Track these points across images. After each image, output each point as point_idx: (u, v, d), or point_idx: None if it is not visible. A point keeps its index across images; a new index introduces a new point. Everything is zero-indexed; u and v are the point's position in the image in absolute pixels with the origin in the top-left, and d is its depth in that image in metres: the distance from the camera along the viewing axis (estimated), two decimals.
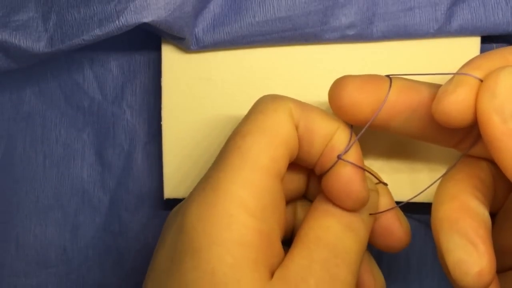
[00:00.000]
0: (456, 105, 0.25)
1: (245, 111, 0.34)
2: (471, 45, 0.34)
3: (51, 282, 0.38)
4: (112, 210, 0.37)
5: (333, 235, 0.28)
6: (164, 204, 0.37)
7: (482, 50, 0.34)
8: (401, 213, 0.32)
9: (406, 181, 0.35)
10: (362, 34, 0.33)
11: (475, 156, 0.30)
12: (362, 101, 0.28)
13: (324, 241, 0.28)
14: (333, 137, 0.29)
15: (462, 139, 0.29)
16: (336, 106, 0.29)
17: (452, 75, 0.26)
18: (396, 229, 0.31)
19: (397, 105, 0.28)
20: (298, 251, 0.27)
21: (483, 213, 0.27)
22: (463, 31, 0.33)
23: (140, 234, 0.38)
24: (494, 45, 0.35)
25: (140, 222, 0.37)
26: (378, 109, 0.28)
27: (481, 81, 0.25)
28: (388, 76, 0.29)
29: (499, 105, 0.24)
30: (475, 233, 0.26)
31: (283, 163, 0.28)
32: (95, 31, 0.31)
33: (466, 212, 0.26)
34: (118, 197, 0.37)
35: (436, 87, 0.28)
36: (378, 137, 0.34)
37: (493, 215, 0.29)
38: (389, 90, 0.28)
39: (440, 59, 0.34)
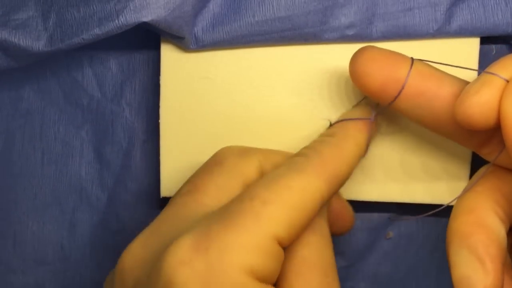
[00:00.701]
0: (479, 107, 0.24)
1: (243, 111, 0.34)
2: (470, 46, 0.34)
3: (48, 280, 0.38)
4: (110, 208, 0.37)
5: (316, 251, 0.28)
6: (162, 202, 0.37)
7: (481, 51, 0.34)
8: (344, 199, 0.33)
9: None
10: (361, 34, 0.33)
11: (502, 166, 0.29)
12: (372, 73, 0.28)
13: (311, 262, 0.27)
14: None
15: (484, 143, 0.29)
16: (350, 71, 0.29)
17: (476, 72, 0.25)
18: (346, 213, 0.33)
19: (409, 87, 0.28)
20: (296, 282, 0.27)
21: (499, 231, 0.26)
22: (463, 32, 0.33)
23: (138, 232, 0.37)
24: (493, 46, 0.35)
25: (138, 220, 0.38)
26: (388, 84, 0.28)
27: (508, 81, 0.24)
28: (412, 58, 0.29)
29: None
30: (485, 250, 0.25)
31: (297, 236, 0.27)
32: (95, 30, 0.31)
33: (480, 228, 0.26)
34: (116, 195, 0.37)
35: (462, 83, 0.27)
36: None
37: None
38: (410, 70, 0.28)
39: (439, 59, 0.34)
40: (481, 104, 0.24)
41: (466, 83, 0.28)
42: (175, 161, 0.35)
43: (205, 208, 0.28)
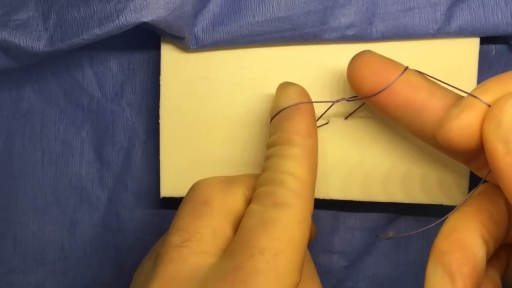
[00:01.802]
0: (459, 131, 0.25)
1: (243, 111, 0.34)
2: (470, 46, 0.34)
3: (49, 279, 0.38)
4: (110, 208, 0.37)
5: None
6: (162, 202, 0.37)
7: (481, 52, 0.34)
8: None
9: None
10: (361, 34, 0.33)
11: (494, 183, 0.28)
12: (363, 77, 0.29)
13: None
14: None
15: (471, 160, 0.29)
16: (347, 74, 0.30)
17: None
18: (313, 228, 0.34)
19: (397, 96, 0.28)
20: None
21: (477, 252, 0.26)
22: (463, 32, 0.33)
23: (138, 232, 0.38)
24: (493, 46, 0.35)
25: (138, 219, 0.38)
26: (376, 89, 0.29)
27: (489, 106, 0.24)
28: (407, 67, 0.29)
29: (504, 135, 0.23)
30: (458, 269, 0.25)
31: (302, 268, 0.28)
32: (95, 30, 0.31)
33: (459, 247, 0.26)
34: (116, 194, 0.37)
35: (453, 98, 0.28)
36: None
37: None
38: (398, 77, 0.28)
39: (439, 60, 0.34)
40: (461, 128, 0.25)
41: (459, 97, 0.28)
42: (175, 161, 0.35)
43: (207, 258, 0.27)
